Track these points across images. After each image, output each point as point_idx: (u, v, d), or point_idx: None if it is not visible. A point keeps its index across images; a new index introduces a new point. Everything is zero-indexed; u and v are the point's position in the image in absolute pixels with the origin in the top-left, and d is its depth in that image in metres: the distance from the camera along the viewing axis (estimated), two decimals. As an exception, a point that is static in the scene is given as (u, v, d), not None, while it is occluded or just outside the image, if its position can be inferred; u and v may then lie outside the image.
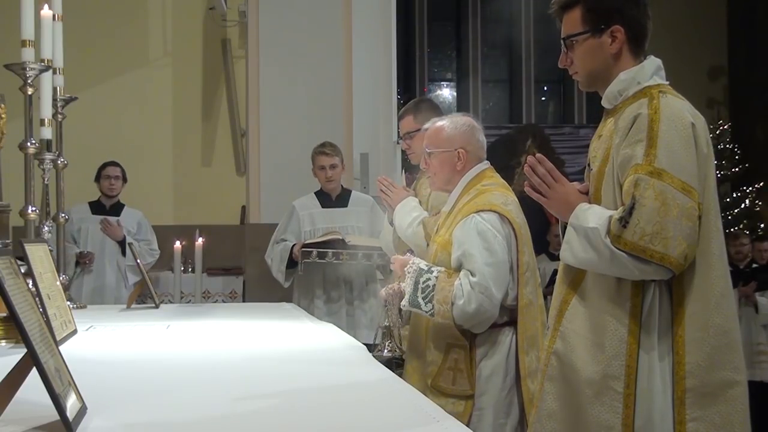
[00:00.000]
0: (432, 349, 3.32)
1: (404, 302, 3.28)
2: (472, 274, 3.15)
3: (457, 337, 3.22)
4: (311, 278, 5.39)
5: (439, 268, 3.25)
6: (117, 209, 6.89)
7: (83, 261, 6.54)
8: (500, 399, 3.22)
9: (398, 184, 4.57)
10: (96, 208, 6.83)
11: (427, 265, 3.28)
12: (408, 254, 3.47)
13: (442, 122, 3.49)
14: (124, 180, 6.93)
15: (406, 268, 3.29)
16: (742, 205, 11.20)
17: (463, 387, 3.23)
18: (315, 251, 5.18)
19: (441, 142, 3.42)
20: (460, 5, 12.82)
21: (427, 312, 3.22)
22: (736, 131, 11.71)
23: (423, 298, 3.21)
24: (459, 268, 3.21)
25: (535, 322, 3.25)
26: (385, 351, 3.46)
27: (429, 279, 3.22)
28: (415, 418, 1.66)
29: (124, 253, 6.73)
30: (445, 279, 3.20)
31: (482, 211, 3.23)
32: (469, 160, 3.41)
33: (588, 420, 2.45)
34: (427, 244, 3.60)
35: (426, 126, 3.61)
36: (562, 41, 2.64)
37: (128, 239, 6.69)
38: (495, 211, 3.23)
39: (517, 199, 3.34)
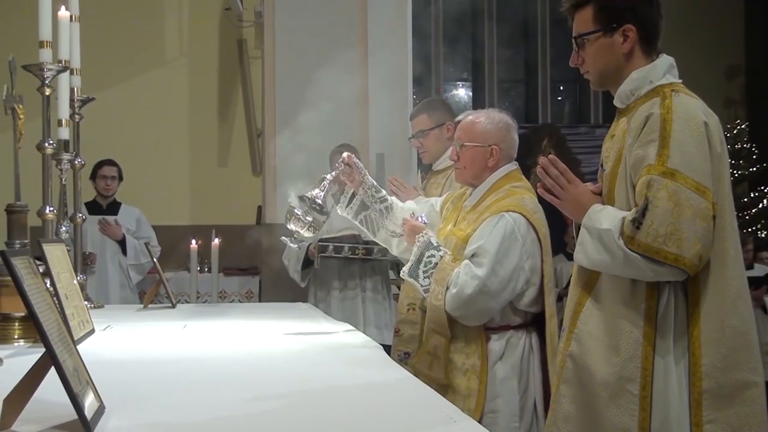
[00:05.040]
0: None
1: (404, 270, 3.28)
2: (479, 266, 3.12)
3: (442, 325, 3.20)
4: (327, 271, 5.38)
5: (447, 250, 3.23)
6: (114, 208, 6.77)
7: (85, 262, 6.32)
8: (514, 403, 3.20)
9: (414, 183, 4.56)
10: (92, 208, 6.63)
11: (437, 242, 3.26)
12: (421, 219, 3.36)
13: (477, 116, 3.42)
14: (120, 179, 6.82)
15: (417, 236, 3.26)
16: (760, 205, 11.10)
17: (438, 375, 3.21)
18: (331, 245, 5.20)
19: (476, 136, 3.36)
20: (475, 5, 12.78)
21: (422, 287, 3.22)
22: (754, 131, 11.61)
23: (423, 272, 3.20)
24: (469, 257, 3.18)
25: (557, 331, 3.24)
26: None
27: (433, 256, 3.21)
28: (433, 419, 1.66)
29: (125, 252, 6.67)
30: (448, 262, 3.18)
31: (512, 212, 3.20)
32: (501, 158, 3.36)
33: (604, 423, 2.44)
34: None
35: (459, 118, 3.53)
36: (573, 40, 2.62)
37: (127, 238, 6.64)
38: (524, 216, 3.20)
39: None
